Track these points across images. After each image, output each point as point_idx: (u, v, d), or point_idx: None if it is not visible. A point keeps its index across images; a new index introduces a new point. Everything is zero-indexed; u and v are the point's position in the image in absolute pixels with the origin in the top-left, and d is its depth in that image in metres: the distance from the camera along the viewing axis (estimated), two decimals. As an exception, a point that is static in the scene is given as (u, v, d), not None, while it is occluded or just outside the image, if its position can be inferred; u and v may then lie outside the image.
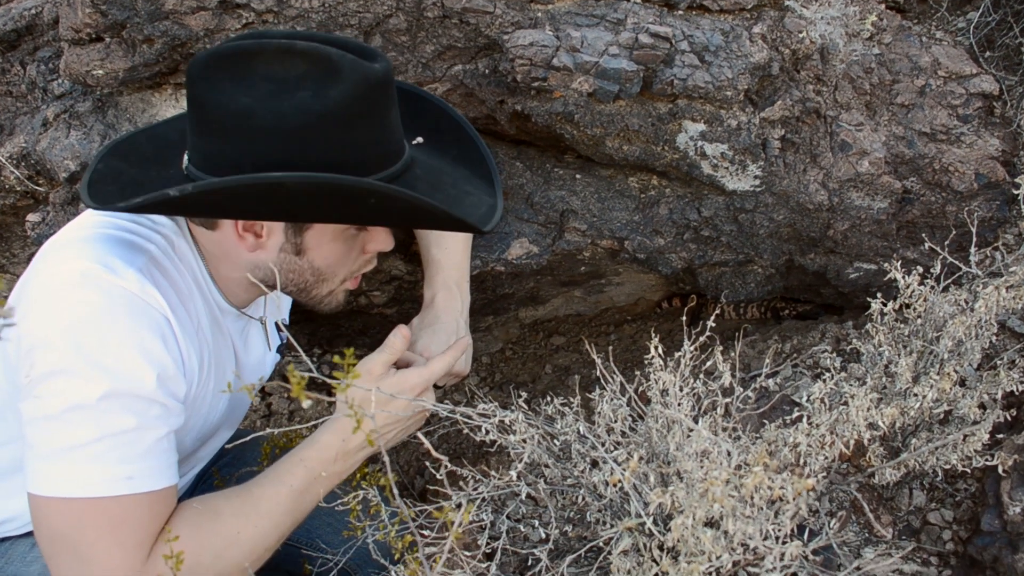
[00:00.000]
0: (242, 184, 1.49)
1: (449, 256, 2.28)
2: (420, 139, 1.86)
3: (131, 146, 1.78)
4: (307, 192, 1.53)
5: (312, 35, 1.60)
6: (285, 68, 1.50)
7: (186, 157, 1.62)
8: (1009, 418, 1.83)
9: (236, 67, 1.50)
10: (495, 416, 1.66)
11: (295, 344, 1.52)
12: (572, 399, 1.78)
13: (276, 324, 2.10)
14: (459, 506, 1.51)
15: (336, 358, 1.33)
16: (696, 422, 1.59)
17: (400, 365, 1.97)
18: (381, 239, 1.83)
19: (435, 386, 2.16)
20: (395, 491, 1.50)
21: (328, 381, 1.30)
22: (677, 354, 1.72)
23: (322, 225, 1.69)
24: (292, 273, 1.75)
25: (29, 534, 1.78)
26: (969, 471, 1.92)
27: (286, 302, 2.19)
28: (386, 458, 1.39)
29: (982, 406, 1.90)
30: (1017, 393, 1.85)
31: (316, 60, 1.50)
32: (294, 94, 1.50)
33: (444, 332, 2.14)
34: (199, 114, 1.55)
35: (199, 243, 1.75)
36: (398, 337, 1.87)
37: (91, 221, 1.66)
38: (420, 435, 1.78)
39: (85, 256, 1.51)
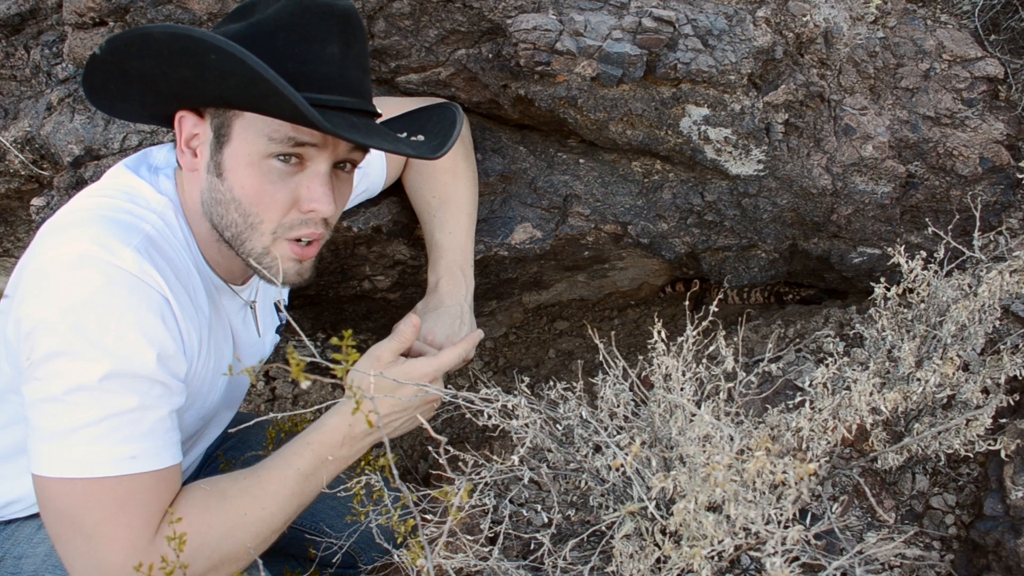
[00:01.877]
0: (124, 34, 1.51)
1: (453, 240, 2.28)
2: (421, 137, 1.85)
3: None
4: (165, 41, 1.51)
5: None
6: (263, 4, 1.62)
7: None
8: (1012, 403, 1.83)
9: (237, 11, 1.65)
10: (498, 401, 1.66)
11: (294, 324, 1.52)
12: (575, 384, 1.78)
13: (276, 304, 2.10)
14: (460, 488, 1.51)
15: (335, 340, 1.33)
16: (699, 407, 1.59)
17: (411, 354, 1.97)
18: (313, 187, 1.69)
19: None
20: (395, 473, 1.51)
21: (329, 366, 1.30)
22: (680, 339, 1.72)
23: (239, 144, 1.65)
24: (220, 206, 1.69)
25: (35, 516, 1.79)
26: (972, 456, 1.92)
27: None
28: (386, 440, 1.40)
29: (985, 391, 1.90)
30: (1020, 378, 1.86)
31: None
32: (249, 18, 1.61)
33: (448, 317, 2.14)
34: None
35: (186, 211, 1.75)
36: (408, 325, 1.86)
37: (87, 203, 1.66)
38: (422, 419, 1.79)
39: (83, 237, 1.51)
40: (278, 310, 2.10)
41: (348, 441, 1.78)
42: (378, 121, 1.79)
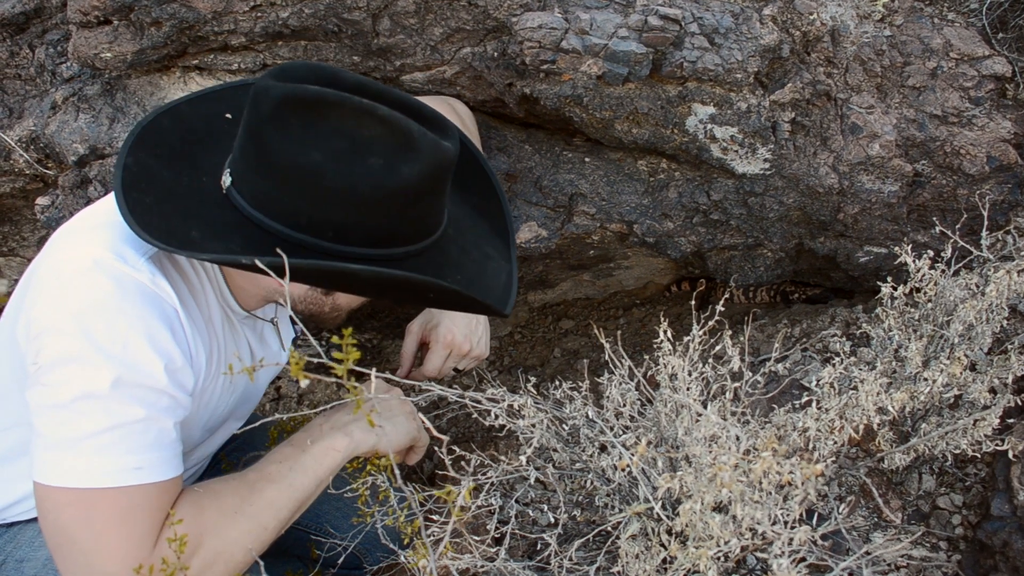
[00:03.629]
0: (317, 269, 1.51)
1: None
2: (457, 196, 1.86)
3: (157, 133, 1.71)
4: (372, 281, 1.56)
5: (384, 91, 1.57)
6: (360, 128, 1.46)
7: (228, 176, 1.60)
8: (1020, 402, 1.82)
9: (309, 114, 1.46)
10: (504, 400, 1.65)
11: (309, 336, 1.52)
12: (581, 383, 1.78)
13: (290, 317, 2.10)
14: (463, 487, 1.51)
15: (335, 338, 1.33)
16: (705, 407, 1.59)
17: (424, 343, 2.10)
18: None
19: (455, 369, 2.17)
20: (396, 471, 1.50)
21: (331, 365, 1.30)
22: (686, 338, 1.71)
23: None
24: (313, 305, 1.77)
25: (36, 519, 1.79)
26: (979, 456, 1.91)
27: None
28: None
29: (992, 391, 1.89)
30: (1028, 378, 1.85)
31: (395, 129, 1.47)
32: (366, 159, 1.48)
33: (464, 317, 2.15)
34: (261, 153, 1.52)
35: None
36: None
37: (105, 208, 1.65)
38: (423, 417, 1.79)
39: (98, 244, 1.50)
40: (293, 323, 2.10)
41: (328, 432, 1.77)
42: None
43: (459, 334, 2.11)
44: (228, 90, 1.87)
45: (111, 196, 1.71)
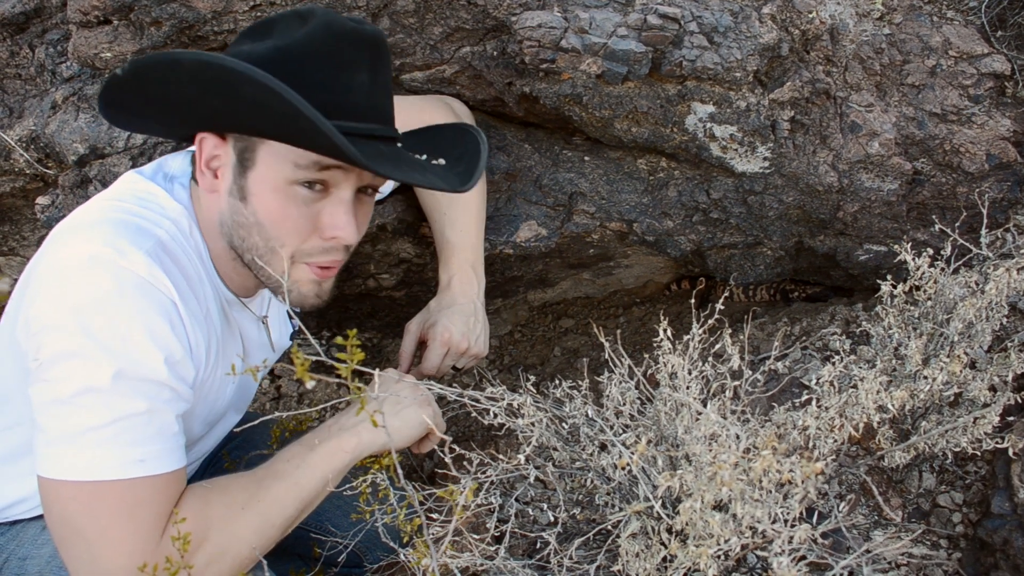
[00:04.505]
0: (150, 59, 1.50)
1: (464, 238, 2.28)
2: (443, 160, 1.83)
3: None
4: (193, 70, 1.50)
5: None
6: (284, 23, 1.60)
7: None
8: (1020, 400, 1.83)
9: (256, 29, 1.63)
10: (504, 399, 1.66)
11: (306, 332, 1.52)
12: (581, 382, 1.78)
13: (288, 312, 2.10)
14: (465, 487, 1.51)
15: (339, 339, 1.33)
16: (705, 405, 1.59)
17: (422, 341, 2.11)
18: (336, 215, 1.69)
19: (454, 368, 2.17)
20: (399, 470, 1.50)
21: (334, 365, 1.30)
22: (686, 337, 1.71)
23: (263, 169, 1.64)
24: (242, 229, 1.68)
25: (40, 517, 1.79)
26: (979, 454, 1.91)
27: None
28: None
29: (992, 388, 1.89)
30: (1028, 375, 1.85)
31: (301, 11, 1.60)
32: (269, 38, 1.60)
33: (462, 314, 2.15)
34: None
35: (201, 225, 1.75)
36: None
37: (100, 205, 1.65)
38: (431, 422, 1.79)
39: (94, 239, 1.50)
40: (290, 317, 2.10)
41: (336, 432, 1.78)
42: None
43: (456, 332, 2.11)
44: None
45: (105, 192, 1.72)
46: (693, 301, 2.13)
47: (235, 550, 1.58)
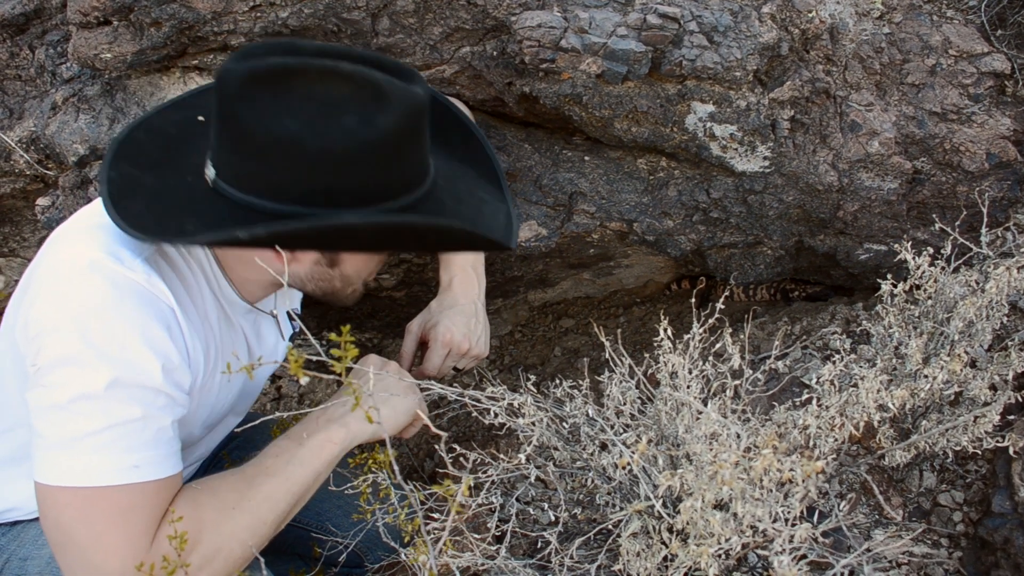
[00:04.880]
0: (314, 229, 1.50)
1: None
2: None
3: (135, 146, 1.72)
4: (373, 231, 1.56)
5: (345, 51, 1.56)
6: (328, 89, 1.46)
7: (211, 169, 1.58)
8: (1020, 399, 1.83)
9: (277, 86, 1.45)
10: (504, 399, 1.66)
11: (307, 332, 1.52)
12: (581, 382, 1.78)
13: (288, 313, 2.10)
14: (467, 487, 1.51)
15: (333, 336, 1.33)
16: (705, 404, 1.59)
17: (426, 351, 2.11)
18: None
19: (455, 368, 2.17)
20: (396, 469, 1.50)
21: (330, 362, 1.30)
22: (686, 336, 1.71)
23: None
24: (322, 281, 1.76)
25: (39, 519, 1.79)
26: (980, 452, 1.91)
27: (297, 292, 2.20)
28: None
29: (993, 387, 1.89)
30: (1028, 374, 1.85)
31: (362, 83, 1.47)
32: (339, 119, 1.47)
33: (463, 315, 2.15)
34: (235, 132, 1.51)
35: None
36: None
37: (100, 209, 1.65)
38: (422, 414, 1.79)
39: (94, 245, 1.51)
40: (291, 318, 2.10)
41: (323, 426, 1.77)
42: None
43: (458, 333, 2.11)
44: (194, 96, 1.87)
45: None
46: (693, 301, 2.13)
47: (228, 550, 1.58)
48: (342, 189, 1.52)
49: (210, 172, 1.58)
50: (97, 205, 1.70)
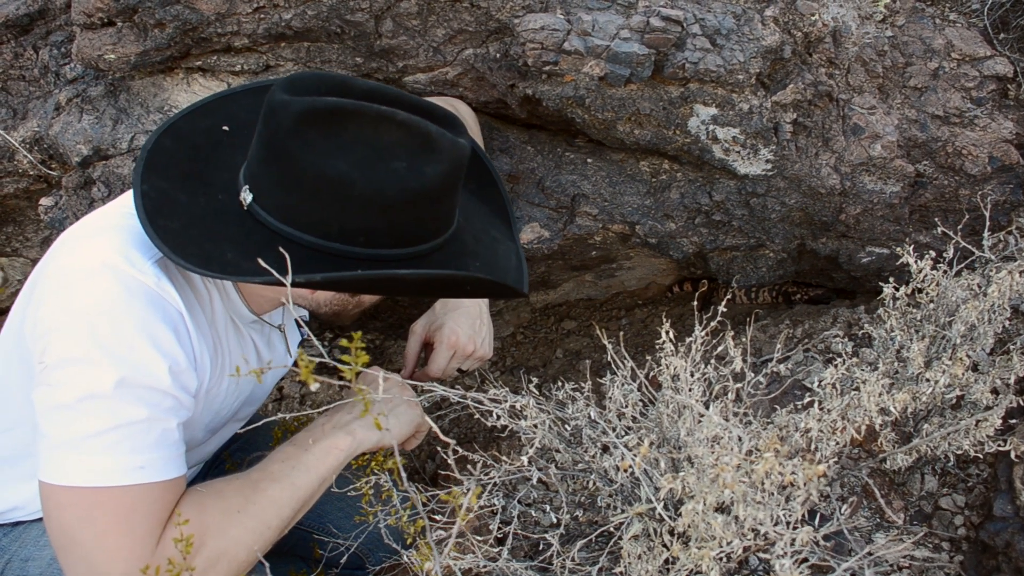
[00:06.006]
0: (367, 279, 1.56)
1: None
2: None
3: (164, 156, 1.73)
4: (418, 282, 1.61)
5: (396, 96, 1.60)
6: (381, 135, 1.50)
7: (248, 193, 1.61)
8: (1022, 403, 1.83)
9: (332, 126, 1.49)
10: (506, 401, 1.66)
11: (314, 340, 1.53)
12: (583, 384, 1.78)
13: (296, 321, 2.10)
14: (469, 491, 1.51)
15: (344, 341, 1.34)
16: (707, 407, 1.59)
17: (427, 343, 2.14)
18: None
19: (459, 370, 2.18)
20: (403, 475, 1.50)
21: (337, 366, 1.31)
22: (688, 339, 1.71)
23: None
24: (338, 306, 1.79)
25: (42, 519, 1.79)
26: (981, 456, 1.91)
27: None
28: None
29: (995, 391, 1.89)
30: (1030, 378, 1.85)
31: (414, 132, 1.51)
32: (390, 163, 1.51)
33: (468, 316, 2.15)
34: (284, 166, 1.54)
35: None
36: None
37: (116, 211, 1.66)
38: (429, 419, 1.79)
39: (106, 246, 1.51)
40: (299, 326, 2.11)
41: (330, 432, 1.78)
42: None
43: (463, 335, 2.11)
44: (217, 101, 1.88)
45: (119, 200, 1.72)
46: (695, 303, 2.13)
47: (232, 553, 1.58)
48: (383, 231, 1.57)
49: (247, 196, 1.61)
50: (108, 208, 1.70)
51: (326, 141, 1.49)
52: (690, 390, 1.64)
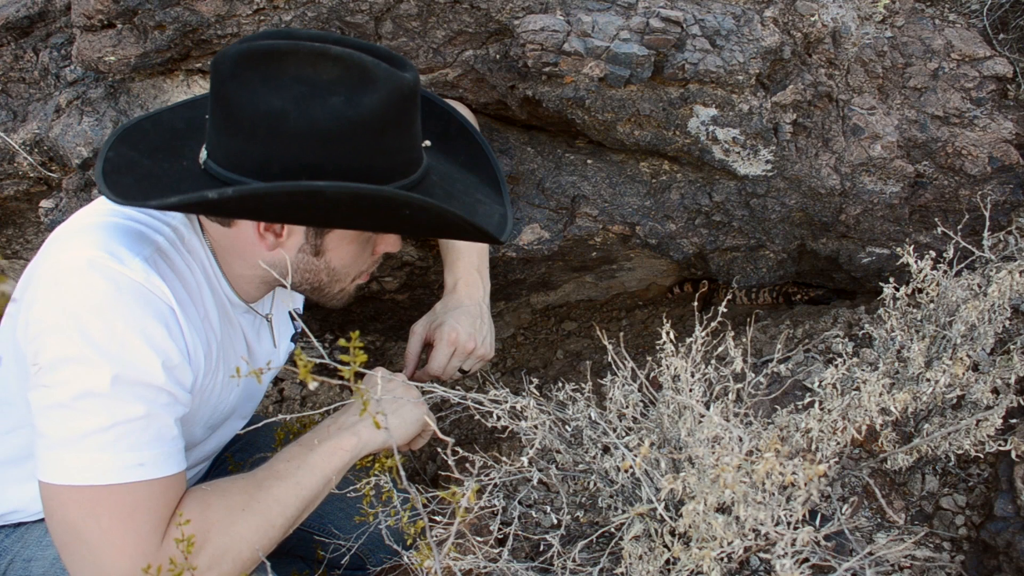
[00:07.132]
0: (283, 191, 1.50)
1: (469, 243, 2.28)
2: (428, 142, 1.86)
3: (139, 133, 1.77)
4: (345, 201, 1.55)
5: (339, 39, 1.60)
6: (317, 71, 1.50)
7: (204, 151, 1.63)
8: (1022, 403, 1.83)
9: (267, 67, 1.50)
10: (507, 402, 1.66)
11: (309, 333, 1.53)
12: (584, 385, 1.78)
13: (290, 313, 2.10)
14: (468, 489, 1.51)
15: (343, 341, 1.34)
16: (708, 408, 1.59)
17: (428, 344, 2.13)
18: (392, 241, 1.87)
19: (461, 370, 2.18)
20: (403, 475, 1.51)
21: (337, 367, 1.31)
22: (689, 339, 1.71)
23: (343, 230, 1.70)
24: (308, 273, 1.77)
25: (44, 519, 1.79)
26: (982, 456, 1.91)
27: (299, 294, 2.20)
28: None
29: (995, 391, 1.89)
30: (1030, 378, 1.85)
31: (350, 66, 1.51)
32: (327, 99, 1.51)
33: (468, 315, 2.15)
34: (225, 111, 1.55)
35: (210, 238, 1.75)
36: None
37: (102, 209, 1.66)
38: (429, 419, 1.79)
39: (92, 244, 1.51)
40: (293, 319, 2.11)
41: (335, 432, 1.78)
42: None
43: (463, 332, 2.11)
44: (204, 98, 1.89)
45: (102, 199, 1.72)
46: (696, 304, 2.13)
47: (236, 551, 1.58)
48: (325, 167, 1.54)
49: (203, 154, 1.62)
50: (93, 206, 1.70)
51: (264, 82, 1.49)
52: (691, 391, 1.64)
